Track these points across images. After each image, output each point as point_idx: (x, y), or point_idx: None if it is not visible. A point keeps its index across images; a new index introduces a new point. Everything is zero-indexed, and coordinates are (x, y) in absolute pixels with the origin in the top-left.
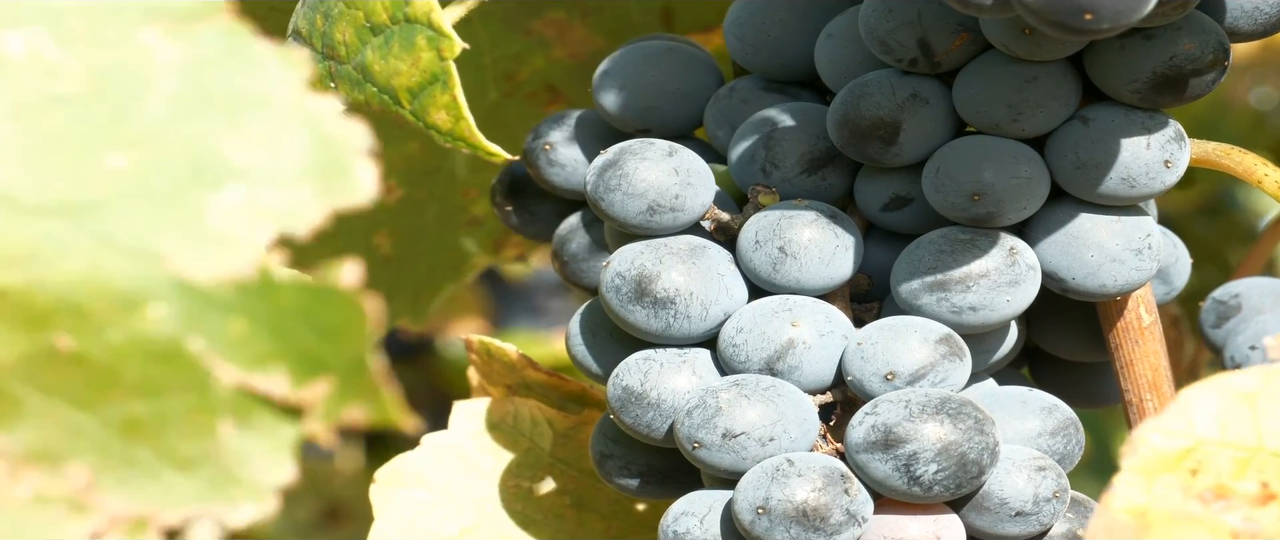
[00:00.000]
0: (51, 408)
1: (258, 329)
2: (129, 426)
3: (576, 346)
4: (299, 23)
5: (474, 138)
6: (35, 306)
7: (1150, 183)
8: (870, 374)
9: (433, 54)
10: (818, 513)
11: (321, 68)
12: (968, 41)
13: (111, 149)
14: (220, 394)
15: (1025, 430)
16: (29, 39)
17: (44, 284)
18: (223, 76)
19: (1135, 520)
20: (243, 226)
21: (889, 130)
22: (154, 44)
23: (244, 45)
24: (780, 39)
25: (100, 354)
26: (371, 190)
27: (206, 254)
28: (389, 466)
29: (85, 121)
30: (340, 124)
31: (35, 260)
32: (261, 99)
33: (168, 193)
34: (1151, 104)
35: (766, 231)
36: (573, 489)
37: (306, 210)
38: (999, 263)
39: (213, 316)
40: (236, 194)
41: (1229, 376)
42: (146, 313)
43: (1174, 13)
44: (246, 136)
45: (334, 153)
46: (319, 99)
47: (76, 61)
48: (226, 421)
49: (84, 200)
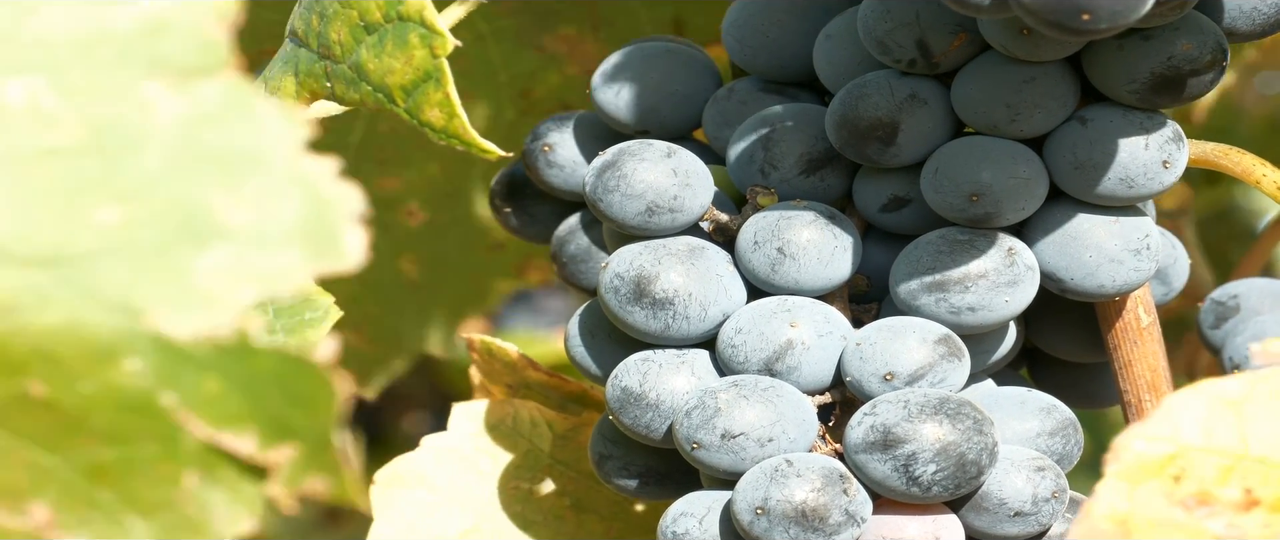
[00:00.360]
0: (19, 447)
1: (231, 389)
2: (94, 470)
3: (575, 347)
4: (296, 23)
5: (467, 135)
6: (11, 354)
7: (1149, 183)
8: (869, 374)
9: (426, 52)
10: (816, 513)
11: (318, 67)
12: (966, 42)
13: (102, 203)
14: (187, 446)
15: (1024, 430)
16: (28, 88)
17: (22, 333)
18: (220, 133)
19: (1117, 527)
20: (226, 286)
21: (887, 131)
22: (155, 98)
23: (245, 102)
24: (778, 40)
25: (71, 401)
26: (359, 257)
27: (188, 312)
28: (388, 468)
29: (78, 174)
30: (334, 187)
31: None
32: (257, 158)
33: (155, 249)
34: (1150, 104)
35: (765, 232)
36: (572, 490)
37: (292, 273)
38: (997, 263)
39: (187, 373)
40: (223, 254)
41: (1215, 383)
42: (121, 365)
43: (1172, 13)
44: (239, 195)
45: (325, 217)
46: (315, 161)
47: (74, 113)
48: (191, 473)
49: (71, 253)
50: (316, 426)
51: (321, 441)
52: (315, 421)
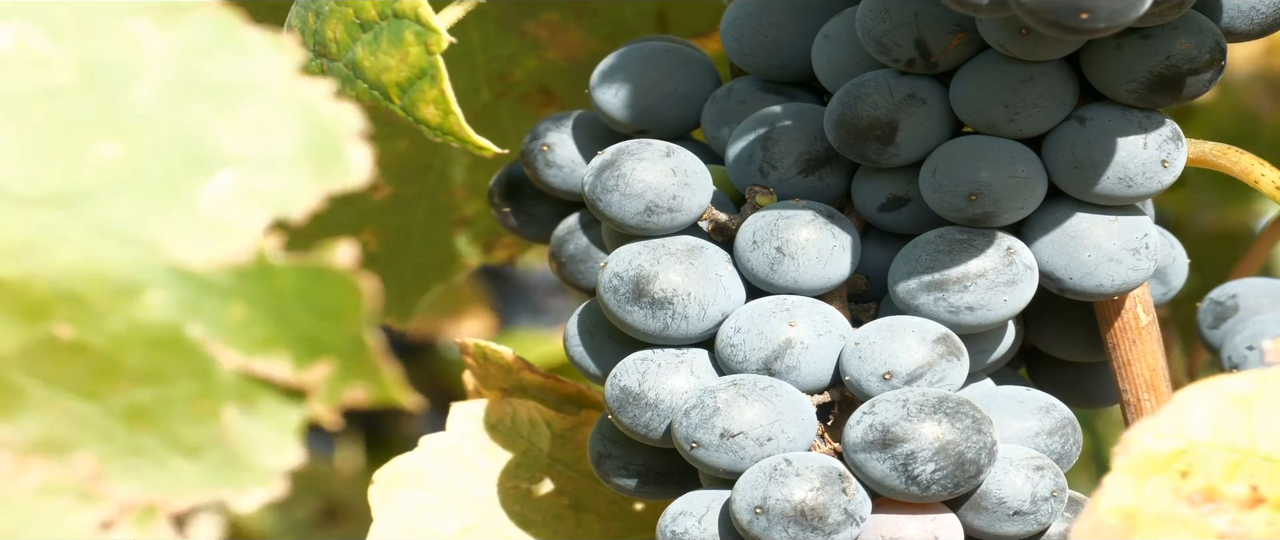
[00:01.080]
0: (55, 398)
1: (257, 313)
2: (133, 414)
3: (574, 347)
4: (293, 21)
5: (463, 132)
6: (33, 296)
7: (1147, 182)
8: (868, 374)
9: (421, 49)
10: (815, 512)
11: (314, 65)
12: (964, 41)
13: (102, 139)
14: (222, 379)
15: (1023, 430)
16: (17, 32)
17: (41, 274)
18: (212, 64)
19: (1123, 522)
20: (237, 212)
21: (886, 130)
22: (143, 33)
23: (233, 32)
24: (777, 40)
25: (100, 342)
26: (365, 172)
27: (202, 240)
28: (388, 467)
29: (75, 112)
30: (332, 108)
31: (31, 251)
32: (252, 85)
33: (160, 180)
34: (1148, 104)
35: (764, 232)
36: (571, 490)
37: (301, 194)
38: (996, 262)
39: (211, 302)
40: (229, 180)
41: (1224, 379)
42: (145, 300)
43: (1170, 12)
44: (238, 123)
45: (326, 136)
46: (310, 84)
47: (65, 53)
48: (230, 407)
49: (77, 190)
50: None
51: (356, 348)
52: (346, 330)
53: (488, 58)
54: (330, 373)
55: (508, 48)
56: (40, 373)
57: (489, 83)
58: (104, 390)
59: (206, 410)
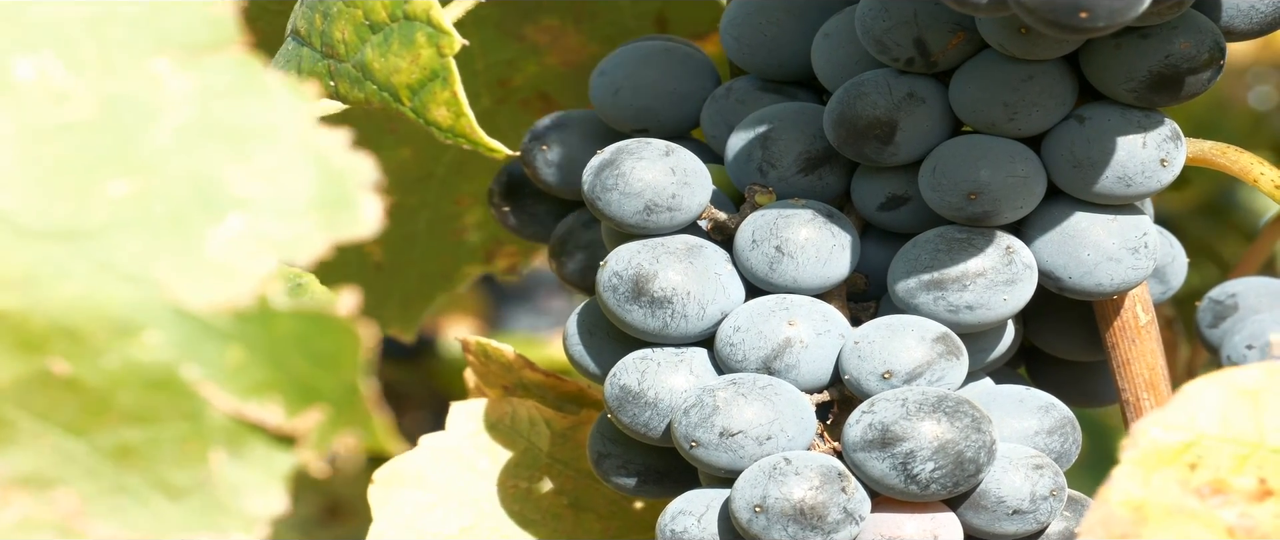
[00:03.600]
0: (44, 432)
1: (254, 357)
2: (120, 453)
3: (574, 346)
4: (298, 22)
5: (475, 134)
6: (31, 330)
7: (1146, 181)
8: (867, 373)
9: (432, 51)
10: (815, 511)
11: (320, 66)
12: (964, 41)
13: (115, 176)
14: (214, 422)
15: (1022, 428)
16: (39, 64)
17: (40, 307)
18: (231, 107)
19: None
20: (243, 256)
21: (885, 129)
22: (164, 73)
23: (254, 77)
24: (777, 39)
25: (95, 380)
26: (376, 224)
27: (205, 282)
28: (387, 467)
29: (90, 148)
30: (346, 157)
31: (33, 284)
32: (269, 131)
33: (169, 221)
34: (1148, 103)
35: (763, 231)
36: (570, 489)
37: (309, 241)
38: (995, 261)
39: (209, 344)
40: (238, 223)
41: (1233, 372)
42: (143, 339)
43: (1169, 12)
44: (252, 167)
45: (339, 186)
46: (326, 132)
47: (86, 88)
48: (219, 450)
49: (85, 226)
50: (343, 382)
51: (349, 396)
52: (341, 377)
53: (487, 63)
54: (322, 420)
55: (507, 53)
56: (31, 407)
57: (489, 89)
58: (94, 428)
59: (194, 453)
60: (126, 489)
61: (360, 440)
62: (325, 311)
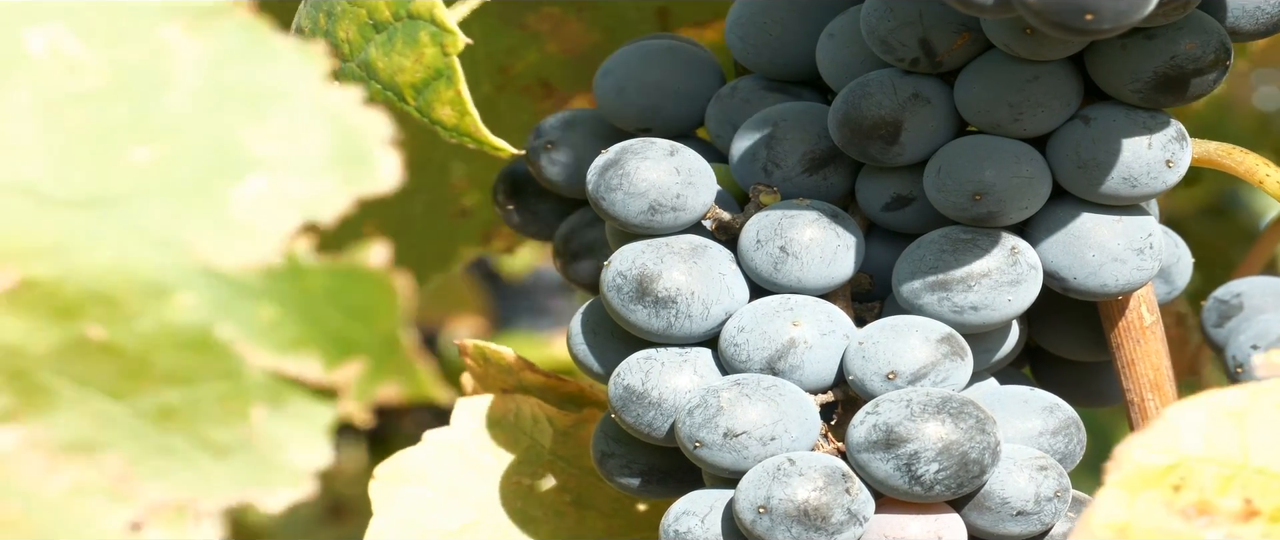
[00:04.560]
0: (85, 398)
1: (287, 314)
2: (163, 415)
3: (578, 346)
4: (302, 21)
5: (479, 133)
6: (65, 297)
7: (1152, 182)
8: (871, 373)
9: (436, 50)
10: (819, 512)
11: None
12: (969, 41)
13: (135, 143)
14: (252, 380)
15: (1027, 429)
16: (50, 36)
17: (73, 274)
18: (243, 70)
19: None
20: (267, 215)
21: (890, 130)
22: (174, 39)
23: (263, 39)
24: (782, 38)
25: (131, 343)
26: (395, 178)
27: (233, 242)
28: (390, 463)
29: (108, 116)
30: (361, 114)
31: (64, 252)
32: (282, 92)
33: (192, 184)
34: (1153, 104)
35: (768, 231)
36: (573, 487)
37: (331, 199)
38: (1000, 262)
39: (242, 303)
40: (259, 184)
41: (1217, 393)
42: (176, 301)
43: (1175, 13)
44: (268, 128)
45: (356, 142)
46: (339, 91)
47: (98, 57)
48: (259, 407)
49: (109, 193)
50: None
51: (389, 346)
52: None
53: (488, 51)
54: (362, 371)
55: (508, 41)
56: (71, 373)
57: (489, 76)
58: (134, 391)
59: (235, 410)
60: (171, 450)
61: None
62: (356, 265)
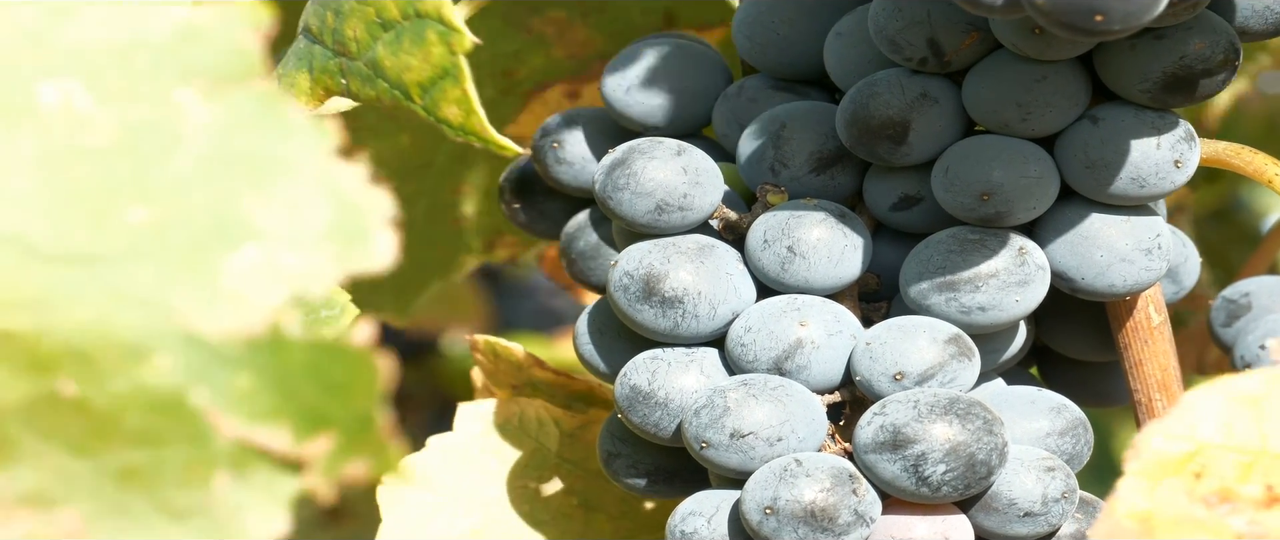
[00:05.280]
0: (48, 452)
1: (263, 384)
2: (125, 475)
3: (584, 345)
4: (309, 19)
5: (486, 132)
6: (41, 351)
7: (1160, 183)
8: (879, 374)
9: (444, 49)
10: (826, 513)
11: (332, 64)
12: (977, 41)
13: (133, 203)
14: (219, 446)
15: (1034, 430)
16: (63, 90)
17: (52, 329)
18: (252, 140)
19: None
20: (257, 285)
21: (898, 129)
22: (188, 103)
23: (277, 110)
24: (789, 38)
25: (102, 402)
26: (390, 257)
27: (219, 310)
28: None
29: (110, 174)
30: (364, 191)
31: (46, 306)
32: (289, 164)
33: (185, 249)
34: (1162, 104)
35: (775, 231)
36: (580, 489)
37: (323, 273)
38: (1008, 263)
39: (219, 370)
40: (254, 254)
41: (1232, 380)
42: (153, 363)
43: (1185, 13)
44: (270, 199)
45: (355, 219)
46: (345, 167)
47: (108, 115)
48: (223, 473)
49: (101, 252)
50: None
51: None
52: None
53: (493, 54)
54: (331, 446)
55: (513, 45)
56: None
57: (493, 79)
58: (99, 449)
59: (199, 476)
60: (129, 510)
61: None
62: (339, 342)
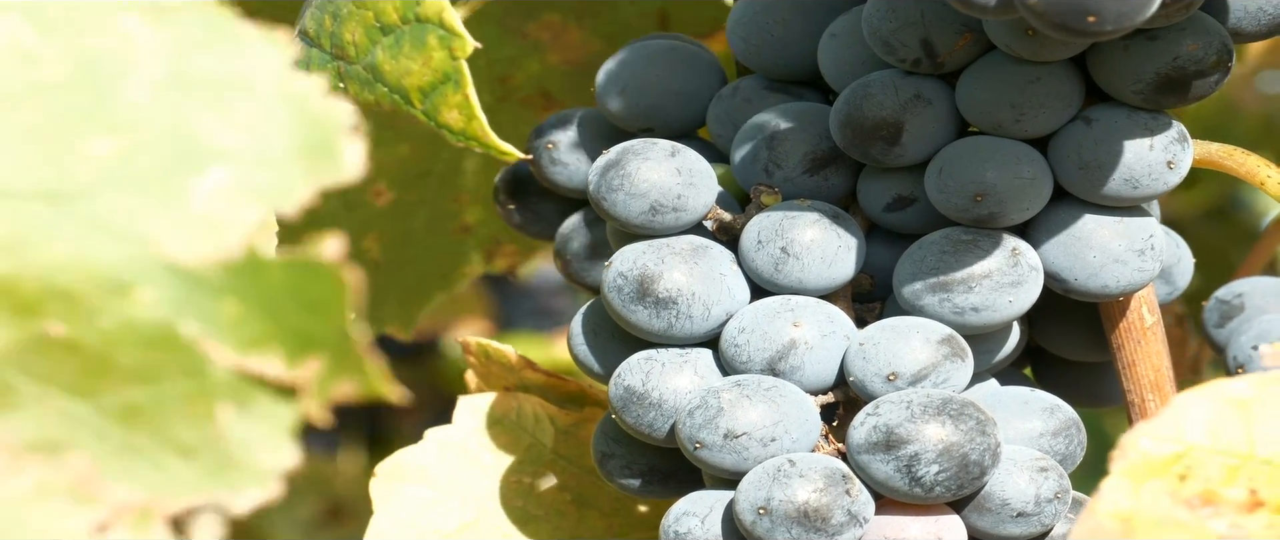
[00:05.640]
0: (47, 396)
1: (250, 310)
2: (127, 414)
3: (578, 346)
4: (307, 24)
5: (486, 137)
6: (23, 293)
7: (1153, 183)
8: (872, 374)
9: (444, 53)
10: (819, 513)
11: (331, 68)
12: (971, 42)
13: (94, 135)
14: (217, 378)
15: (1027, 431)
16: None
17: (31, 270)
18: (205, 60)
19: (1120, 525)
20: (229, 207)
21: (892, 131)
22: (134, 29)
23: (226, 28)
24: (783, 39)
25: (93, 340)
26: (359, 167)
27: (194, 236)
28: (390, 461)
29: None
30: (324, 103)
31: (21, 246)
32: (245, 81)
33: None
34: (1155, 105)
35: (769, 231)
36: (574, 486)
37: (294, 189)
38: (1001, 263)
39: (204, 299)
40: (221, 175)
41: (1222, 383)
42: (137, 296)
43: (1178, 14)
44: (231, 119)
45: (320, 132)
46: (303, 79)
47: (56, 49)
48: (225, 406)
49: (68, 186)
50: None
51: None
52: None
53: (489, 61)
54: (320, 369)
55: (509, 50)
56: (32, 371)
57: (489, 86)
58: (97, 389)
59: (201, 410)
60: (137, 449)
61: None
62: (313, 259)
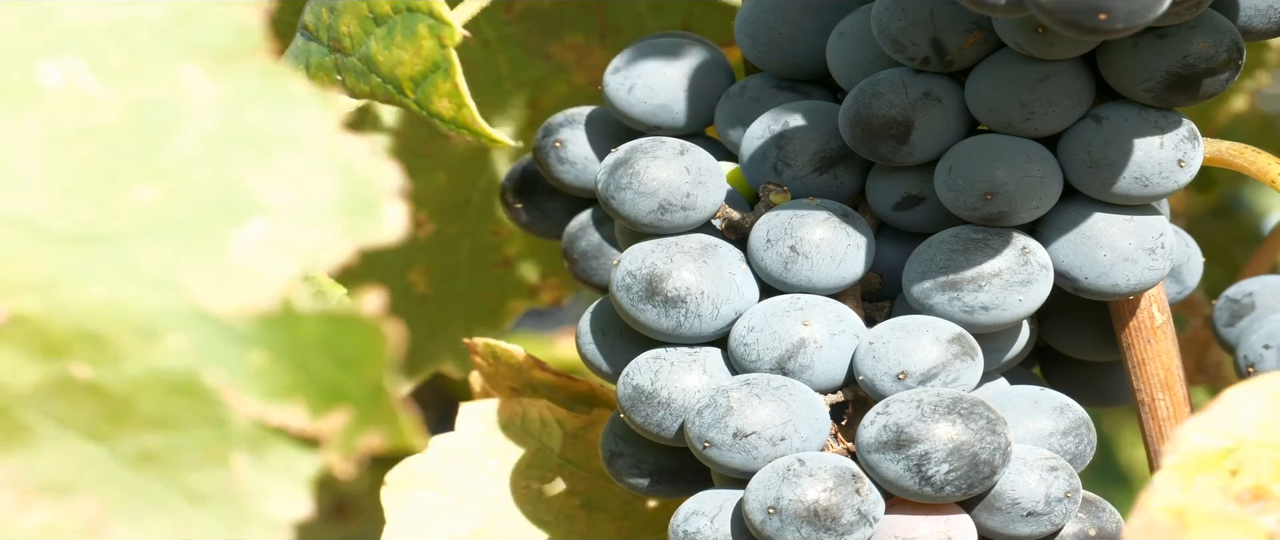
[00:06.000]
0: (64, 438)
1: (278, 361)
2: (142, 459)
3: (587, 345)
4: (307, 17)
5: (476, 124)
6: (53, 334)
7: (1164, 182)
8: (882, 373)
9: (434, 42)
10: (829, 513)
11: (328, 61)
12: (980, 40)
13: (140, 181)
14: (236, 427)
15: (1037, 430)
16: (66, 70)
17: (63, 311)
18: (257, 115)
19: (1174, 520)
20: (267, 260)
21: (901, 129)
22: (192, 80)
23: (281, 84)
24: (792, 37)
25: (117, 384)
26: (399, 229)
27: (229, 287)
28: (399, 468)
29: (116, 153)
30: (372, 164)
31: (55, 287)
32: (294, 138)
33: (193, 226)
34: (1165, 103)
35: (778, 230)
36: (582, 490)
37: (333, 246)
38: (1011, 262)
39: (233, 349)
40: (262, 228)
41: (1273, 378)
42: (166, 343)
43: (1188, 12)
44: (276, 174)
45: (364, 191)
46: (352, 139)
47: (112, 94)
48: (241, 454)
49: (109, 230)
50: (368, 382)
51: (375, 396)
52: (367, 378)
53: (516, 84)
54: (347, 421)
55: (535, 72)
56: (52, 412)
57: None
58: (115, 433)
59: (217, 457)
60: (148, 495)
61: (386, 439)
62: (350, 313)
